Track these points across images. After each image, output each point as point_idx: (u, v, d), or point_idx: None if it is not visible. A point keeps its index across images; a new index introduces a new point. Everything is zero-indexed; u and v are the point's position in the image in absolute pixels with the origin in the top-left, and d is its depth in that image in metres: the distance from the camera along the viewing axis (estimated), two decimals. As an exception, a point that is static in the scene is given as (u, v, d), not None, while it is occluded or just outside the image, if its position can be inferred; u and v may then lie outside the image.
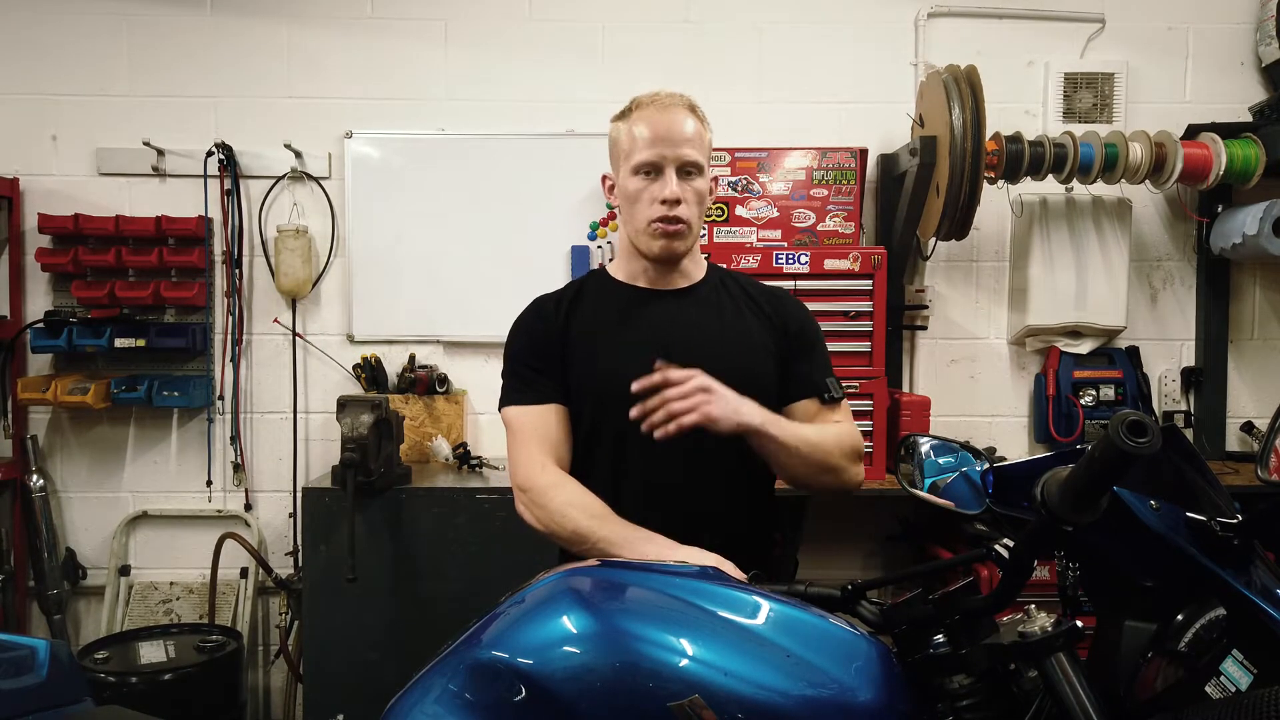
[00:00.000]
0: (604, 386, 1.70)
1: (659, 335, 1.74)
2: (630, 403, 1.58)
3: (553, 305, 1.81)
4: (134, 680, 2.86)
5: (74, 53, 3.39)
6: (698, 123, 1.75)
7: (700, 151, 1.74)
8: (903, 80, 3.41)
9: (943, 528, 3.16)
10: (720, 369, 1.64)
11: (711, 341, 1.75)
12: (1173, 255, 3.47)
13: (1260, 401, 3.47)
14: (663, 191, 1.70)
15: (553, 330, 1.77)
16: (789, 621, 1.15)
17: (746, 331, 1.79)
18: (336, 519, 2.83)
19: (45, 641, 1.70)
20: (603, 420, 1.72)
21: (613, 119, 1.81)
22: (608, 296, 1.81)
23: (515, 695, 1.11)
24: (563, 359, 1.76)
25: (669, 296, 1.80)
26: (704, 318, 1.78)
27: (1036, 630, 1.10)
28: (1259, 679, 1.03)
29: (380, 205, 3.40)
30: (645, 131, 1.72)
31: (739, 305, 1.82)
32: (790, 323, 1.83)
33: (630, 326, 1.77)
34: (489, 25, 3.42)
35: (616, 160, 1.80)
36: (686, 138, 1.72)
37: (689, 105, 1.77)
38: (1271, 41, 3.31)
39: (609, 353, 1.74)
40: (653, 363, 1.59)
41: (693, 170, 1.73)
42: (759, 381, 1.74)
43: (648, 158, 1.71)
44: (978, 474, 1.35)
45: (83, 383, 3.28)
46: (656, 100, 1.75)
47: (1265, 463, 1.33)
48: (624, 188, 1.76)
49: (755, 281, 1.91)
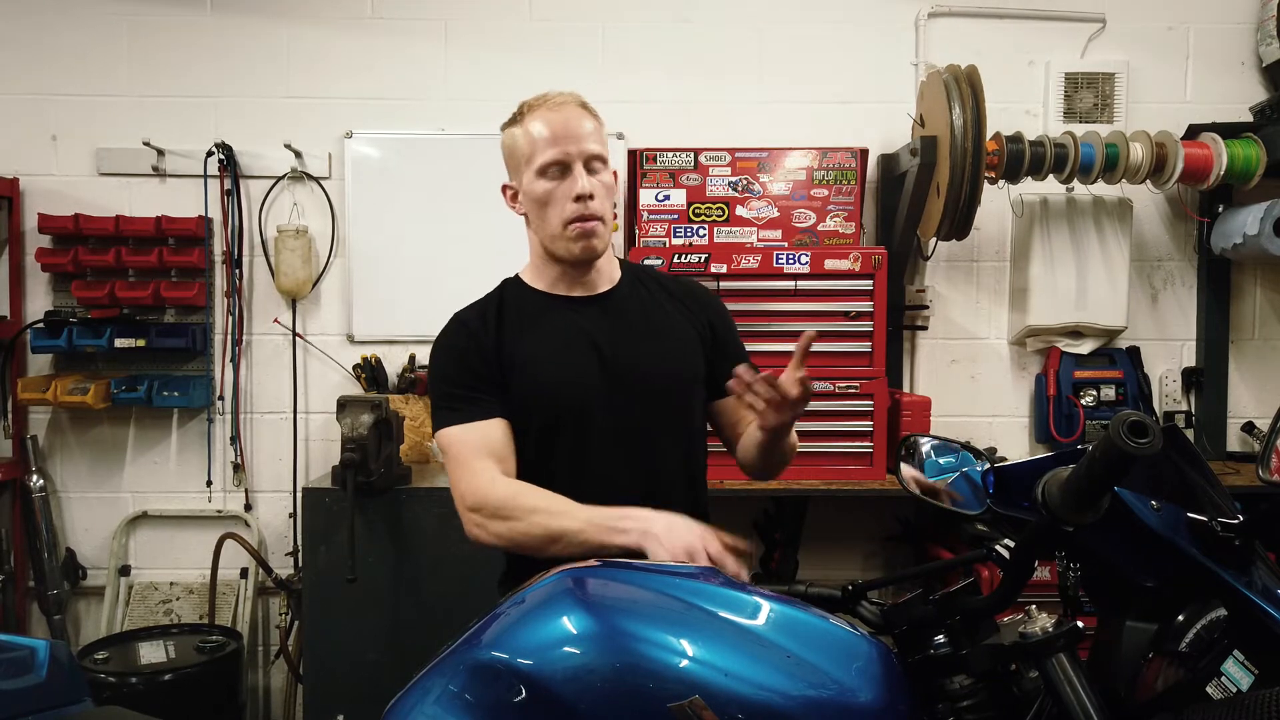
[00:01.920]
0: (554, 399, 1.69)
1: (597, 342, 1.72)
2: (585, 412, 1.67)
3: (478, 320, 1.75)
4: (134, 681, 2.86)
5: (74, 53, 3.39)
6: (592, 117, 1.73)
7: (601, 144, 1.72)
8: (903, 80, 3.41)
9: (943, 528, 3.16)
10: (661, 369, 1.73)
11: (648, 343, 1.75)
12: (1173, 255, 3.47)
13: (1261, 402, 3.47)
14: (574, 188, 1.66)
15: (485, 345, 1.71)
16: (789, 622, 1.15)
17: (675, 328, 1.80)
18: (336, 519, 2.83)
19: (45, 642, 1.70)
20: (555, 434, 1.69)
21: (503, 126, 1.78)
22: (533, 308, 1.76)
23: (515, 696, 1.11)
24: (500, 374, 1.70)
25: (594, 302, 1.77)
26: (634, 320, 1.77)
27: (1037, 631, 1.10)
28: (1260, 679, 1.03)
29: (380, 205, 3.40)
30: (544, 131, 1.68)
31: (660, 303, 1.82)
32: (713, 317, 1.85)
33: (564, 340, 1.73)
34: (489, 25, 3.42)
35: (516, 167, 1.74)
36: (587, 132, 1.69)
37: (580, 102, 1.73)
38: (1272, 41, 3.31)
39: (553, 366, 1.70)
40: (595, 368, 1.68)
41: (598, 164, 1.70)
42: (696, 376, 1.79)
43: (553, 156, 1.67)
44: (978, 474, 1.35)
45: (83, 383, 3.28)
46: (547, 100, 1.72)
47: (1266, 463, 1.33)
48: (530, 192, 1.71)
49: (665, 275, 1.92)
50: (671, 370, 1.75)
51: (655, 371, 1.73)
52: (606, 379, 1.70)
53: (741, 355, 1.84)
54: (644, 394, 1.71)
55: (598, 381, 1.70)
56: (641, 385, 1.71)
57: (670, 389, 1.75)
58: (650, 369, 1.73)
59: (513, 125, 1.76)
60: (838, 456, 3.03)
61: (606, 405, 1.69)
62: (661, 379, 1.74)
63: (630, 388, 1.71)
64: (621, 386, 1.70)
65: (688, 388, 1.78)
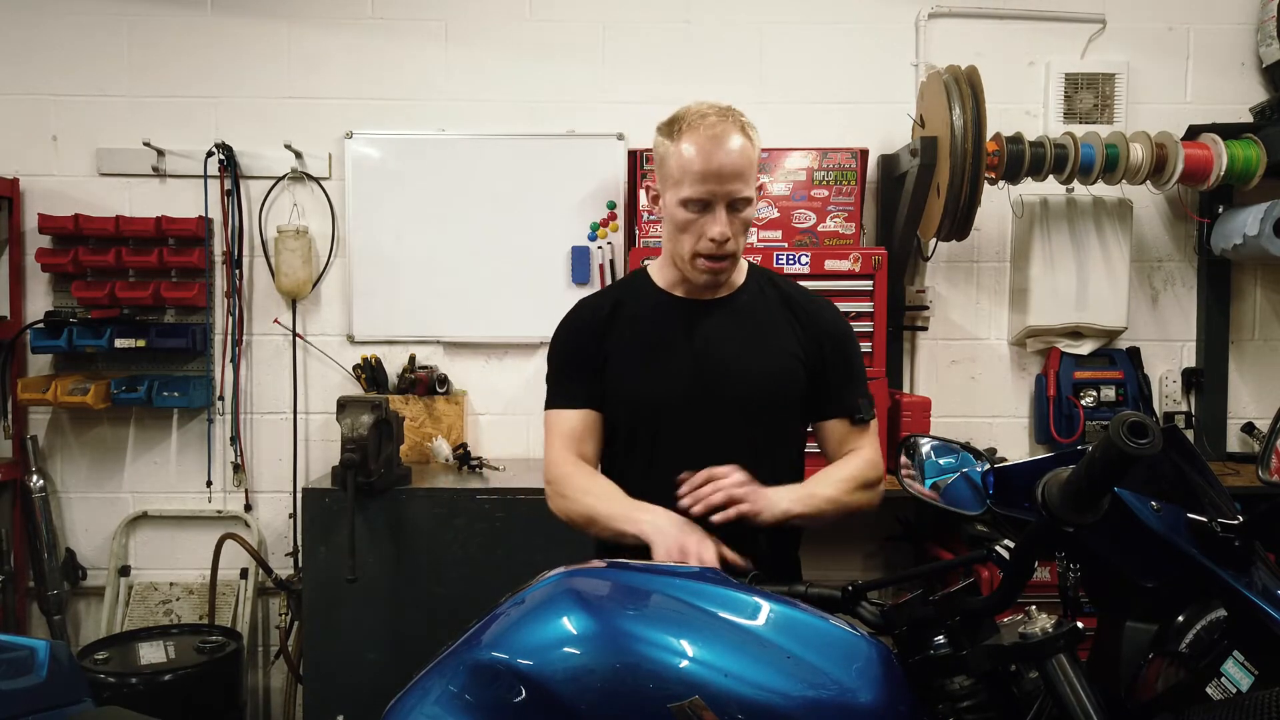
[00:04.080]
0: (638, 398, 1.78)
1: (690, 349, 1.77)
2: (660, 413, 1.75)
3: (590, 313, 1.84)
4: (134, 681, 2.86)
5: (74, 53, 3.39)
6: (747, 143, 1.68)
7: (750, 182, 1.69)
8: (903, 81, 3.41)
9: (943, 528, 3.15)
10: (747, 379, 1.76)
11: (740, 353, 1.77)
12: (1174, 256, 3.47)
13: (1261, 402, 3.47)
14: (712, 230, 1.67)
15: (590, 340, 1.81)
16: (789, 622, 1.15)
17: (778, 340, 1.80)
18: (336, 519, 2.83)
19: (45, 642, 1.70)
20: (638, 426, 1.79)
21: (659, 129, 1.75)
22: (645, 306, 1.83)
23: (515, 696, 1.11)
24: (599, 368, 1.80)
25: (706, 306, 1.81)
26: (737, 328, 1.79)
27: (1037, 631, 1.10)
28: (1260, 680, 1.03)
29: (380, 205, 3.40)
30: (696, 163, 1.65)
31: (774, 312, 1.82)
32: (826, 334, 1.82)
33: (666, 341, 1.79)
34: (489, 25, 3.42)
35: (663, 177, 1.73)
36: (738, 172, 1.66)
37: (740, 126, 1.69)
38: (1272, 42, 3.31)
39: (644, 368, 1.78)
40: (684, 375, 1.74)
41: (743, 203, 1.70)
42: (785, 391, 1.79)
43: (698, 195, 1.66)
44: (978, 475, 1.35)
45: (83, 383, 3.28)
46: (706, 121, 1.67)
47: (1266, 464, 1.33)
48: (671, 213, 1.71)
49: (796, 286, 1.90)
50: (757, 381, 1.76)
51: (745, 379, 1.76)
52: (693, 385, 1.75)
53: (847, 384, 1.82)
54: (727, 400, 1.75)
55: (682, 389, 1.75)
56: (727, 391, 1.75)
57: (754, 398, 1.76)
58: (741, 376, 1.76)
59: (667, 136, 1.72)
60: (838, 457, 3.03)
61: (684, 410, 1.75)
62: (749, 387, 1.76)
63: (715, 392, 1.75)
64: (706, 391, 1.75)
65: (774, 399, 1.78)
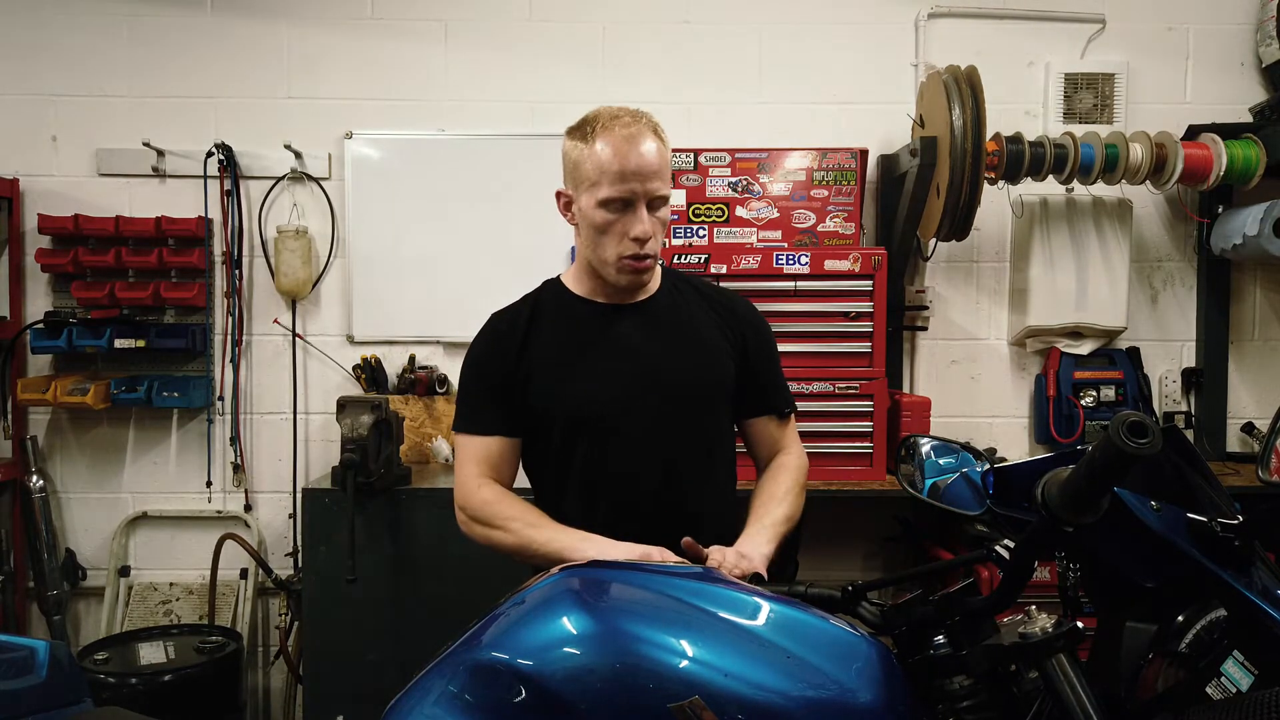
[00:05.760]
0: (576, 410, 1.72)
1: (626, 348, 1.74)
2: (604, 425, 1.70)
3: (507, 327, 1.77)
4: (134, 681, 2.86)
5: (74, 53, 3.39)
6: (660, 144, 1.66)
7: (667, 180, 1.68)
8: (903, 81, 3.41)
9: (943, 529, 3.15)
10: (687, 379, 1.75)
11: (671, 351, 1.76)
12: (1173, 256, 3.47)
13: (1261, 402, 3.47)
14: (634, 229, 1.65)
15: (508, 356, 1.73)
16: (789, 622, 1.15)
17: (707, 338, 1.80)
18: (336, 520, 2.83)
19: (45, 642, 1.70)
20: (576, 441, 1.72)
21: (568, 133, 1.71)
22: (567, 315, 1.77)
23: (515, 696, 1.11)
24: (520, 385, 1.73)
25: (628, 310, 1.78)
26: (663, 328, 1.78)
27: (1037, 631, 1.10)
28: (1260, 680, 1.03)
29: (380, 206, 3.40)
30: (613, 164, 1.62)
31: (694, 309, 1.82)
32: (746, 323, 1.84)
33: (596, 347, 1.75)
34: (489, 25, 3.41)
35: (577, 182, 1.69)
36: (655, 170, 1.64)
37: (652, 128, 1.67)
38: (1272, 42, 3.31)
39: (578, 376, 1.72)
40: (622, 376, 1.71)
41: (659, 201, 1.67)
42: (723, 386, 1.80)
43: (618, 194, 1.63)
44: (978, 475, 1.35)
45: (83, 383, 3.28)
46: (619, 121, 1.64)
47: (1266, 464, 1.33)
48: (588, 216, 1.68)
49: (705, 282, 1.93)
50: (697, 376, 1.76)
51: (681, 377, 1.74)
52: (633, 385, 1.72)
53: (771, 378, 1.85)
54: (668, 399, 1.73)
55: (622, 389, 1.72)
56: (667, 390, 1.73)
57: (695, 395, 1.76)
58: (677, 374, 1.74)
59: (579, 139, 1.68)
60: (837, 457, 3.03)
61: (629, 411, 1.71)
62: (687, 384, 1.75)
63: (655, 392, 1.72)
64: (646, 391, 1.72)
65: (713, 393, 1.79)
